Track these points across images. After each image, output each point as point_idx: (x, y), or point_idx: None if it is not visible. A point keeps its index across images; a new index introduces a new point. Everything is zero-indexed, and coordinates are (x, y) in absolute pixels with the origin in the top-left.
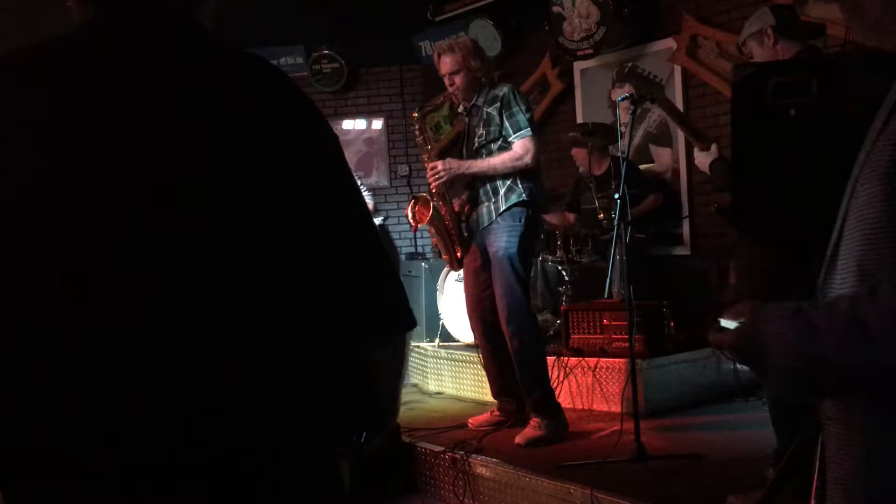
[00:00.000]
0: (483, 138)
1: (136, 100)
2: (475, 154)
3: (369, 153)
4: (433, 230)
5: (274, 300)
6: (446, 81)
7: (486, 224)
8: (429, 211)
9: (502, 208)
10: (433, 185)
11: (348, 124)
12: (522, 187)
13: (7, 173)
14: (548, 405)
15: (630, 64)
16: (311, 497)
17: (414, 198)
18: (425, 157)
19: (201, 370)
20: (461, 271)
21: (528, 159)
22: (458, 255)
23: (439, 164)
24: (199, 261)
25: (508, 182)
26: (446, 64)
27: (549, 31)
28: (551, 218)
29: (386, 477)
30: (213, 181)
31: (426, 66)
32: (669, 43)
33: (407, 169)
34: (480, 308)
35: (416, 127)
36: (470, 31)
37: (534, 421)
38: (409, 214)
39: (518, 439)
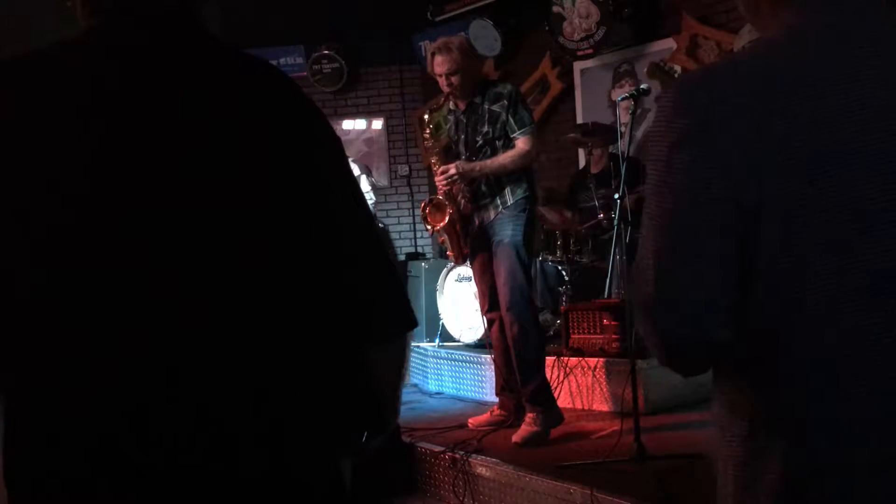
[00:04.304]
0: (489, 135)
1: (137, 101)
2: (478, 151)
3: (369, 153)
4: (442, 230)
5: (274, 299)
6: (442, 81)
7: (492, 218)
8: (444, 216)
9: (509, 201)
10: (443, 188)
11: (348, 124)
12: (526, 181)
13: (9, 173)
14: (543, 395)
15: (658, 61)
16: (315, 497)
17: (429, 200)
18: (434, 160)
19: (205, 369)
20: (461, 271)
21: (533, 154)
22: (465, 251)
23: (451, 168)
24: (200, 261)
25: (512, 177)
26: (441, 64)
27: (549, 31)
28: (551, 217)
29: (386, 477)
30: (213, 181)
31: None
32: (669, 43)
33: (407, 169)
34: (494, 302)
35: (427, 131)
36: (470, 31)
37: (528, 417)
38: (423, 216)
39: (515, 438)
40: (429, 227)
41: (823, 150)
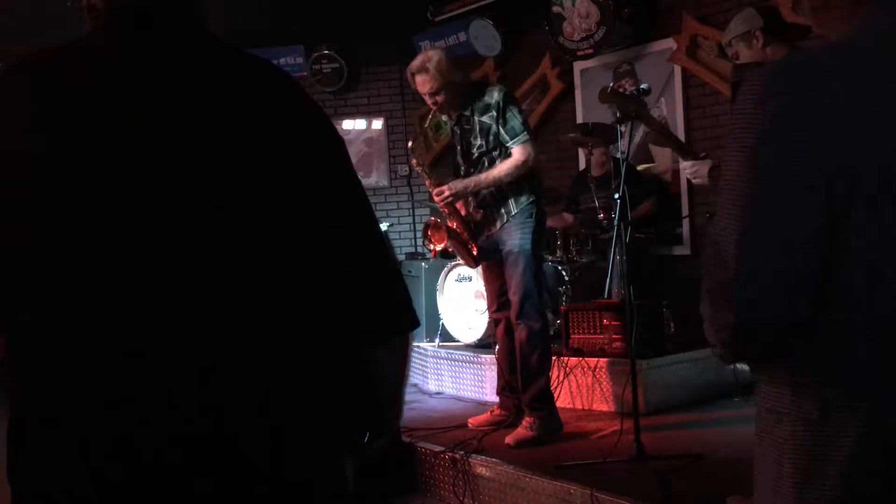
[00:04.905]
0: (483, 148)
1: (138, 102)
2: (475, 163)
3: (369, 153)
4: (448, 243)
5: (275, 300)
6: (428, 100)
7: (498, 229)
8: (444, 235)
9: (514, 211)
10: (443, 206)
11: (348, 124)
12: (529, 186)
13: (11, 174)
14: (543, 402)
15: (611, 85)
16: (316, 497)
17: (426, 224)
18: (427, 182)
19: (206, 370)
20: (461, 271)
21: (530, 162)
22: (475, 252)
23: (445, 189)
24: (200, 262)
25: (513, 186)
26: (422, 84)
27: (549, 31)
28: (551, 221)
29: (386, 477)
30: (215, 181)
31: None
32: (669, 43)
33: (407, 169)
34: (501, 304)
35: (414, 161)
36: (470, 31)
37: (526, 421)
38: (426, 239)
39: (508, 439)
40: (431, 246)
41: (879, 147)
